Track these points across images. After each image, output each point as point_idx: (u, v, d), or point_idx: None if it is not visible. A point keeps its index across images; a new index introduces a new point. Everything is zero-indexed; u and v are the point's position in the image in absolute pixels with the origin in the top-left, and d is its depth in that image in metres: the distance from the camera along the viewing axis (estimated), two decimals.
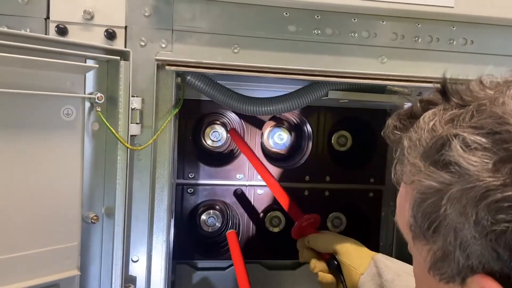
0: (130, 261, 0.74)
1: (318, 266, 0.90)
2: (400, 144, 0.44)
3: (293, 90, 0.90)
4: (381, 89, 0.94)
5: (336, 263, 0.87)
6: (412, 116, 0.44)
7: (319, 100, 0.89)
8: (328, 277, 0.88)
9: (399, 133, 0.45)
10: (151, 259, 0.76)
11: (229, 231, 1.17)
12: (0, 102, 0.59)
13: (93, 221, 0.69)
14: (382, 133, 0.48)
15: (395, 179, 0.46)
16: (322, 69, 0.76)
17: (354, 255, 0.85)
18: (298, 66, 0.75)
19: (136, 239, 0.75)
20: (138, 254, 0.75)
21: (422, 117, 0.42)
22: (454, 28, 0.80)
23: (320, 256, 0.92)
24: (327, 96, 0.89)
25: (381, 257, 0.83)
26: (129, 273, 0.74)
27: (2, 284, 0.60)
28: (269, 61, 0.75)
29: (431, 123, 0.40)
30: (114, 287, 0.70)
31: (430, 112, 0.42)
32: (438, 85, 0.43)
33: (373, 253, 0.85)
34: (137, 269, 0.75)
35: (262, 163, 1.12)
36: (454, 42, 0.80)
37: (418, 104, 0.44)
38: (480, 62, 0.80)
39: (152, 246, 0.76)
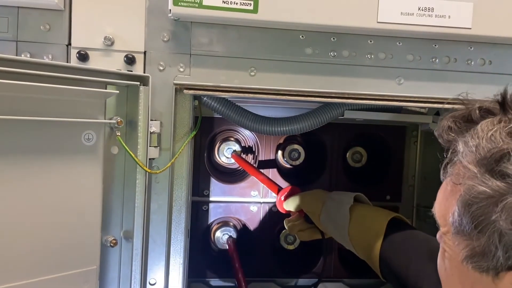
0: (148, 284, 0.75)
1: (295, 228, 1.04)
2: (452, 145, 0.48)
3: (308, 108, 0.91)
4: (397, 108, 0.94)
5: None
6: (468, 121, 0.48)
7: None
8: (304, 235, 1.04)
9: (453, 134, 0.48)
10: (169, 282, 0.76)
11: (229, 239, 1.19)
12: (23, 129, 0.60)
13: (111, 244, 0.69)
14: (434, 131, 0.52)
15: (444, 177, 0.49)
16: (338, 91, 0.76)
17: (311, 204, 0.99)
18: (315, 89, 0.75)
19: (153, 262, 0.75)
20: (156, 277, 0.75)
21: (480, 125, 0.45)
22: (472, 49, 0.79)
23: (300, 217, 1.05)
24: (343, 115, 0.89)
25: (331, 195, 0.96)
26: None
27: None
28: (286, 83, 0.75)
29: (490, 133, 0.43)
30: None
31: (488, 121, 0.45)
32: (498, 97, 0.47)
33: (328, 195, 0.98)
34: None
35: (263, 174, 1.17)
36: (472, 63, 0.80)
37: (477, 112, 0.47)
38: (498, 82, 0.79)
39: (169, 269, 0.76)
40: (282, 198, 1.07)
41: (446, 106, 0.74)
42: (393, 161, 1.30)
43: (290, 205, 1.04)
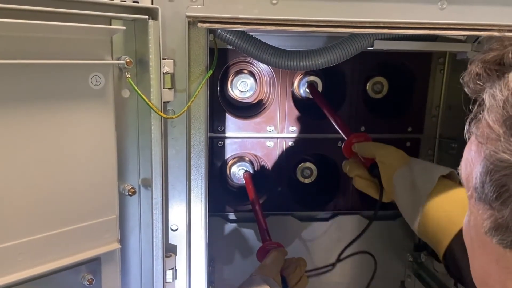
0: (169, 230, 0.72)
1: (355, 170, 0.96)
2: (480, 97, 0.39)
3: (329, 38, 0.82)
4: (433, 37, 0.84)
5: (376, 167, 0.91)
6: (501, 65, 0.38)
7: None
8: (361, 182, 0.95)
9: (481, 83, 0.39)
10: (191, 227, 0.74)
11: (245, 173, 1.19)
12: (23, 74, 0.53)
13: (130, 193, 0.66)
14: (461, 79, 0.42)
15: (468, 135, 0.41)
16: (372, 19, 0.67)
17: (392, 155, 0.90)
18: (346, 18, 0.66)
19: (174, 208, 0.72)
20: (177, 222, 0.73)
21: (511, 73, 0.36)
22: None
23: (363, 165, 0.97)
24: (372, 46, 0.81)
25: (415, 159, 0.88)
26: (169, 242, 0.73)
27: (44, 262, 0.59)
28: (313, 12, 0.66)
29: None
30: (156, 258, 0.68)
31: None
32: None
33: (411, 157, 0.89)
34: (177, 238, 0.73)
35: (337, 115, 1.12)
36: None
37: (510, 55, 0.38)
38: None
39: (191, 215, 0.73)
40: (354, 140, 1.00)
41: (496, 34, 0.65)
42: (416, 91, 1.23)
43: (361, 149, 0.96)
